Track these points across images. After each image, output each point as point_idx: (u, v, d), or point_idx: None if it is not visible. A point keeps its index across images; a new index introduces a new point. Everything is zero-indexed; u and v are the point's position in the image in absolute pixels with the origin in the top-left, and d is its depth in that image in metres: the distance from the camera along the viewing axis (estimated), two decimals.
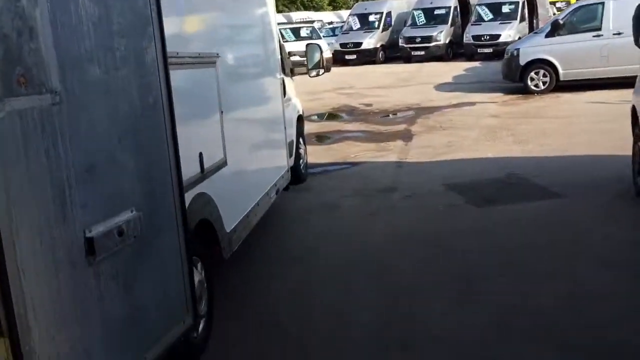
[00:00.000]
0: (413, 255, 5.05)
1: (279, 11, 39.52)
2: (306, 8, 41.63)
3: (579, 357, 3.37)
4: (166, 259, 2.70)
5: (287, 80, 6.99)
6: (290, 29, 26.32)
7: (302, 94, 15.28)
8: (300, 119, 7.81)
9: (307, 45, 7.87)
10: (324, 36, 27.26)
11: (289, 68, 7.40)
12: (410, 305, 4.15)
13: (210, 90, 3.95)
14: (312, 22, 31.23)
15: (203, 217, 3.62)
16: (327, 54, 23.04)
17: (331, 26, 32.21)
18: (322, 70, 7.71)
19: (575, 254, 4.83)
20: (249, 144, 4.90)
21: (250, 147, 4.92)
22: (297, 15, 33.84)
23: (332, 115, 13.80)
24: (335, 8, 44.38)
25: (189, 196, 3.39)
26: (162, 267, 2.65)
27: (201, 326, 3.65)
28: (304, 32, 25.86)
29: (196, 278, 3.55)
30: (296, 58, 13.76)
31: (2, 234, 1.82)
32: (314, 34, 25.81)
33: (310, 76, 7.73)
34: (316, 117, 13.55)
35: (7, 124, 1.83)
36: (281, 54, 6.88)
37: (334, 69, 24.29)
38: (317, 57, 7.68)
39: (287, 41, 24.79)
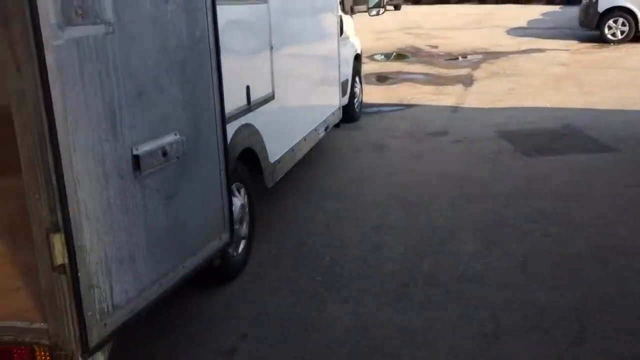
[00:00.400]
0: (451, 198, 5.19)
1: None
2: None
3: (596, 307, 3.48)
4: (207, 180, 2.98)
5: (346, 18, 7.05)
6: None
7: (368, 32, 15.22)
8: (358, 58, 7.88)
9: None
10: None
11: (349, 6, 7.44)
12: (441, 244, 4.33)
13: (261, 26, 4.12)
14: None
15: (247, 146, 3.88)
16: None
17: None
18: (382, 10, 7.70)
19: (614, 206, 4.85)
20: (299, 80, 5.07)
21: (300, 83, 5.10)
22: None
23: (396, 56, 13.70)
24: None
25: (234, 126, 3.65)
26: (202, 187, 2.93)
27: (241, 247, 3.98)
28: None
29: (238, 202, 3.87)
30: None
31: (61, 148, 2.11)
32: None
33: (370, 15, 7.76)
34: (379, 56, 13.49)
35: (65, 49, 2.09)
36: None
37: (404, 8, 23.81)
38: None
39: None
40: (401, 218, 4.81)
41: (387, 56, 13.69)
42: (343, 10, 6.96)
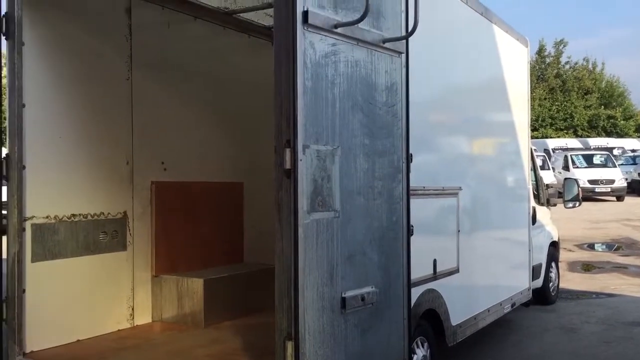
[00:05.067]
0: None
1: (577, 136, 39.03)
2: (608, 134, 40.19)
3: None
4: (392, 324, 4.00)
5: (540, 208, 7.88)
6: (582, 155, 26.14)
7: (582, 222, 15.43)
8: (555, 245, 8.49)
9: (565, 179, 8.70)
10: (620, 164, 26.33)
11: (545, 198, 8.30)
12: None
13: (450, 214, 5.27)
14: (611, 149, 30.35)
15: (431, 307, 4.85)
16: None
17: (633, 154, 30.66)
18: (577, 203, 8.39)
19: None
20: (484, 259, 5.97)
21: (485, 262, 5.99)
22: (595, 142, 33.13)
23: (607, 246, 13.62)
24: None
25: (420, 289, 4.69)
26: (389, 328, 3.96)
27: None
28: (597, 159, 25.44)
29: (421, 352, 4.78)
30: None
31: (299, 287, 3.37)
32: (608, 161, 25.21)
33: (565, 207, 8.50)
34: (590, 246, 13.55)
35: (310, 225, 3.44)
36: (537, 184, 7.90)
37: (629, 199, 23.18)
38: (574, 191, 8.45)
39: (577, 167, 24.74)
40: None
41: (598, 246, 13.68)
42: (538, 202, 7.84)
